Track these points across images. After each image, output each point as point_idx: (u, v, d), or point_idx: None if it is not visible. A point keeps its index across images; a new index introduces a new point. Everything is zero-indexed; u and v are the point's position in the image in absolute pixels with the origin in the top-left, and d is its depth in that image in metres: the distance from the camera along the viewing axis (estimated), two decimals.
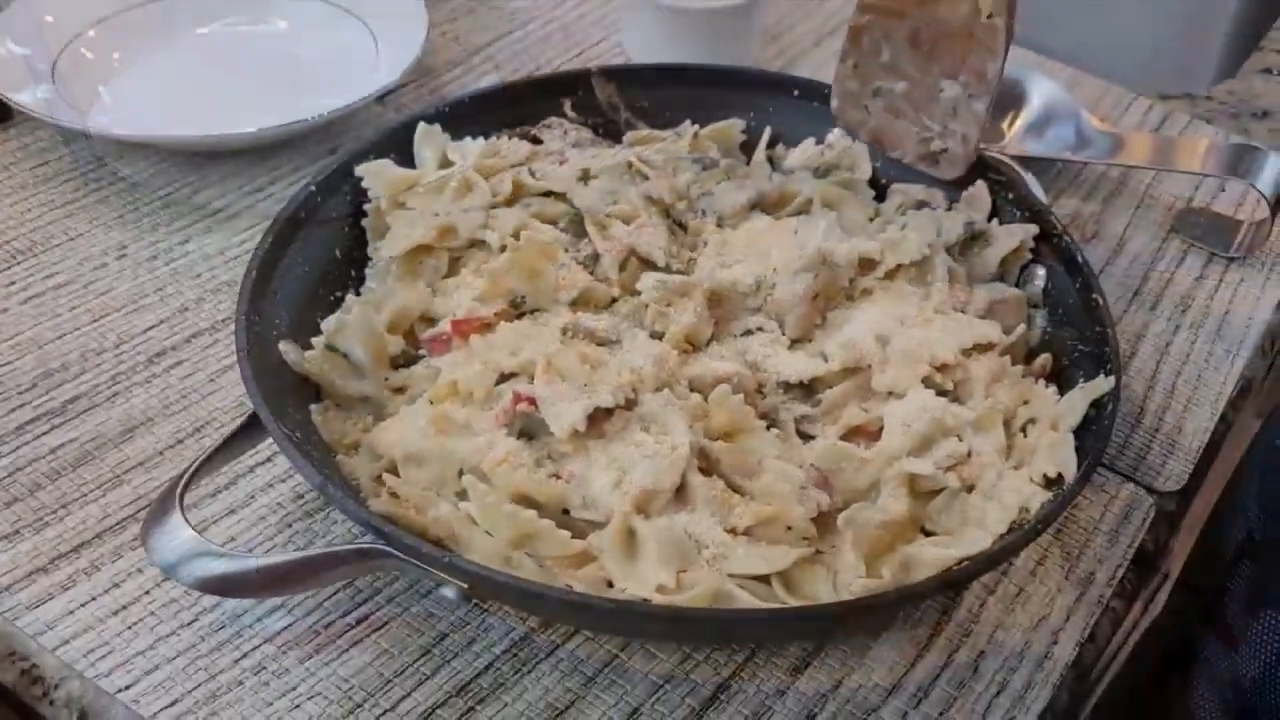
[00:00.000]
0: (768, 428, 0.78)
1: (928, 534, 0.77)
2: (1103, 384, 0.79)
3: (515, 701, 0.72)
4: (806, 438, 0.80)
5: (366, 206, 0.90)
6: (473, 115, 0.97)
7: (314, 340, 0.81)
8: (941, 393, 0.80)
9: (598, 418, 0.73)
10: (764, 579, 0.71)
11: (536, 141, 0.97)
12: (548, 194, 0.92)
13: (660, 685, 0.74)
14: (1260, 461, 0.92)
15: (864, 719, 0.74)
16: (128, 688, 0.71)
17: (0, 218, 1.02)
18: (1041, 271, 0.91)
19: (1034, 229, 0.91)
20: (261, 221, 1.02)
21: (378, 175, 0.90)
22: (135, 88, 1.14)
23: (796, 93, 1.02)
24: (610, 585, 0.70)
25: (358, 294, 0.89)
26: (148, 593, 0.76)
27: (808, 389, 0.81)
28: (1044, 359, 0.86)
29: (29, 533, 0.79)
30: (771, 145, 1.02)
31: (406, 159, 0.94)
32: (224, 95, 1.14)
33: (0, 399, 0.88)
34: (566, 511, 0.72)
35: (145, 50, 1.17)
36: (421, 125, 0.94)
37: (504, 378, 0.77)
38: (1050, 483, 0.77)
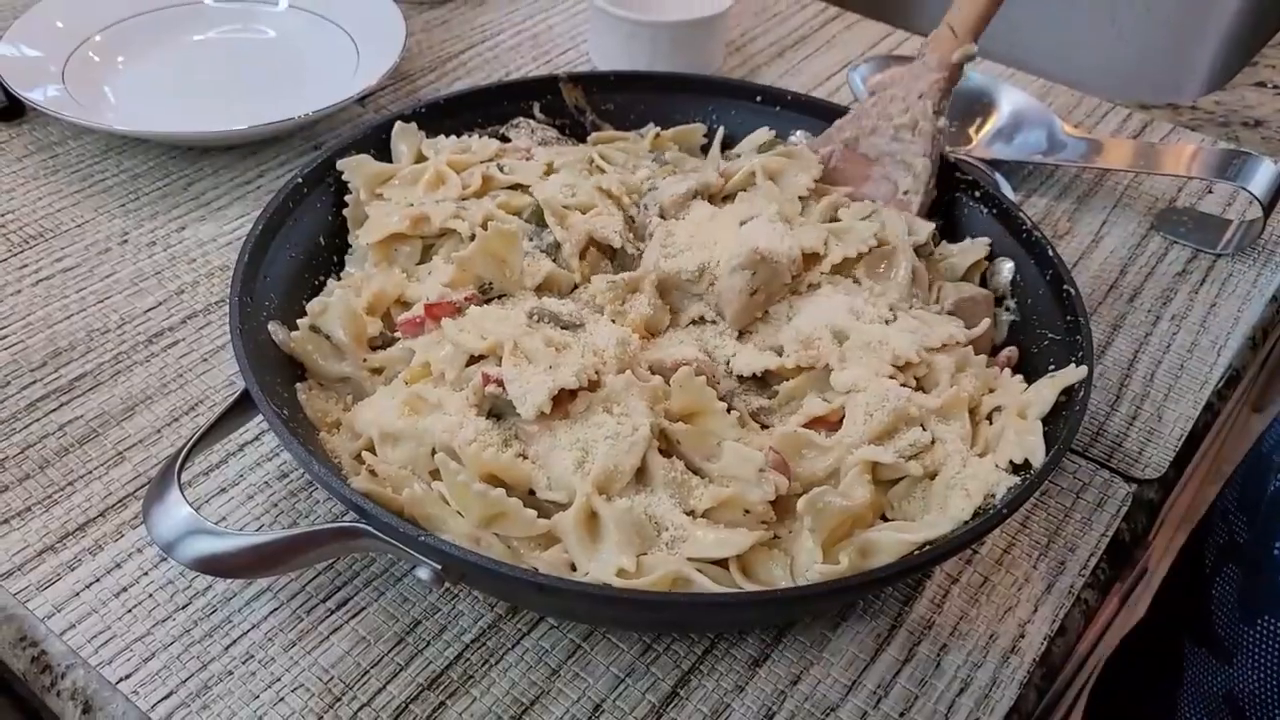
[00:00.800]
0: (727, 410, 0.72)
1: (888, 521, 0.70)
2: (1073, 373, 0.73)
3: (483, 696, 0.67)
4: (765, 428, 0.74)
5: (347, 197, 0.87)
6: (447, 116, 0.93)
7: (299, 321, 0.77)
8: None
9: (562, 399, 0.68)
10: (722, 563, 0.65)
11: (505, 140, 0.94)
12: (514, 187, 0.88)
13: (622, 679, 0.69)
14: (1245, 465, 0.87)
15: (823, 718, 0.68)
16: (128, 677, 0.67)
17: (14, 206, 0.98)
18: (1009, 265, 0.85)
19: (984, 243, 0.86)
20: (251, 211, 1.00)
21: (357, 169, 0.86)
22: (137, 88, 1.12)
23: (759, 99, 0.96)
24: (573, 568, 0.65)
25: (338, 279, 0.85)
26: (146, 574, 0.72)
27: (761, 381, 0.76)
28: (1009, 351, 0.80)
29: (39, 510, 0.75)
30: (729, 147, 0.97)
31: (384, 154, 0.90)
32: (218, 95, 1.12)
33: (15, 376, 0.84)
34: (533, 493, 0.67)
35: (147, 54, 1.15)
36: (399, 123, 0.91)
37: (474, 360, 0.73)
38: (1018, 469, 0.70)
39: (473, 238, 0.81)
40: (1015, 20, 1.65)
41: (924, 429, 0.72)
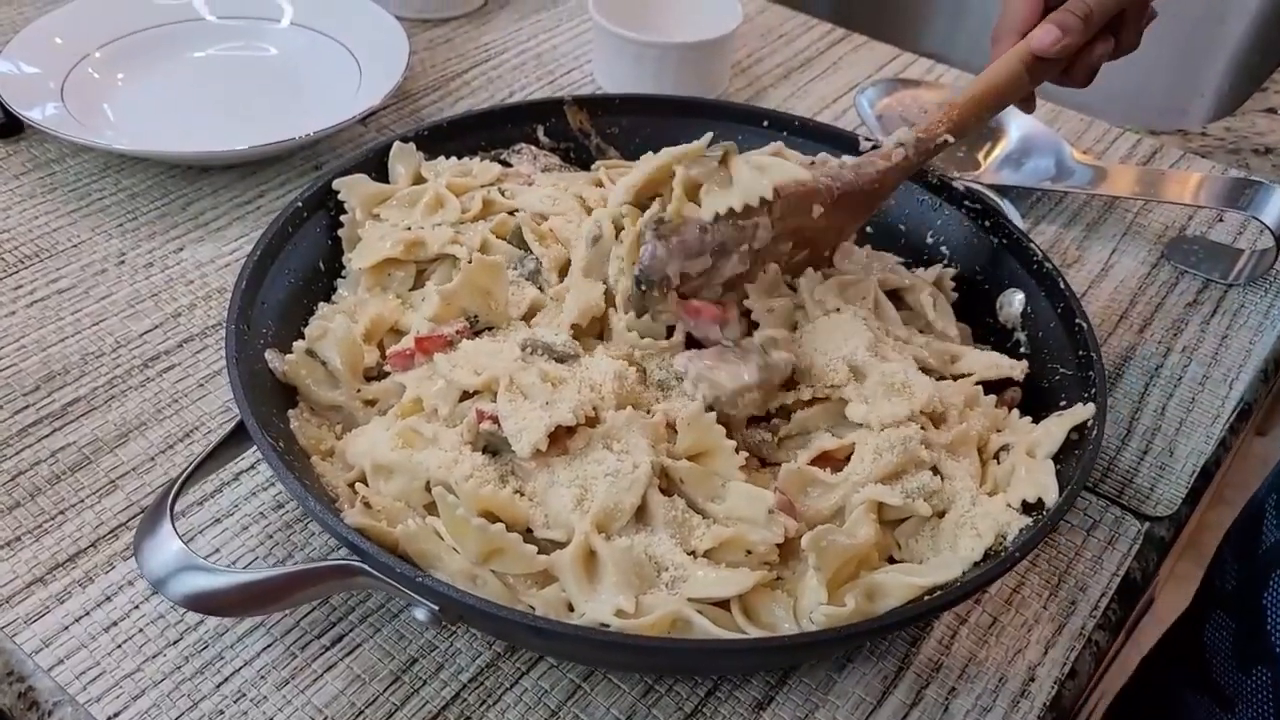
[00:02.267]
0: (736, 450, 0.70)
1: (894, 563, 0.68)
2: (1081, 411, 0.71)
3: None
4: (766, 464, 0.73)
5: (343, 218, 0.85)
6: (449, 138, 0.91)
7: (295, 344, 0.75)
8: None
9: (560, 435, 0.66)
10: (723, 604, 0.64)
11: (507, 165, 0.93)
12: (514, 212, 0.86)
13: None
14: (1244, 510, 0.85)
15: None
16: (116, 715, 0.65)
17: (9, 225, 0.97)
18: (1020, 296, 0.83)
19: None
20: (251, 232, 0.98)
21: (352, 188, 0.84)
22: (136, 106, 1.10)
23: (766, 123, 0.94)
24: (571, 608, 0.64)
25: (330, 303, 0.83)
26: (137, 607, 0.70)
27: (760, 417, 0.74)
28: (1013, 392, 0.79)
29: (29, 539, 0.73)
30: None
31: (385, 177, 0.88)
32: (218, 114, 1.11)
33: (7, 400, 0.82)
34: (530, 531, 0.66)
35: (146, 72, 1.13)
36: (397, 144, 0.88)
37: (467, 395, 0.71)
38: (1029, 508, 0.68)
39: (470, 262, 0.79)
40: None
41: (935, 473, 0.70)
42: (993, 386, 0.79)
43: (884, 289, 0.82)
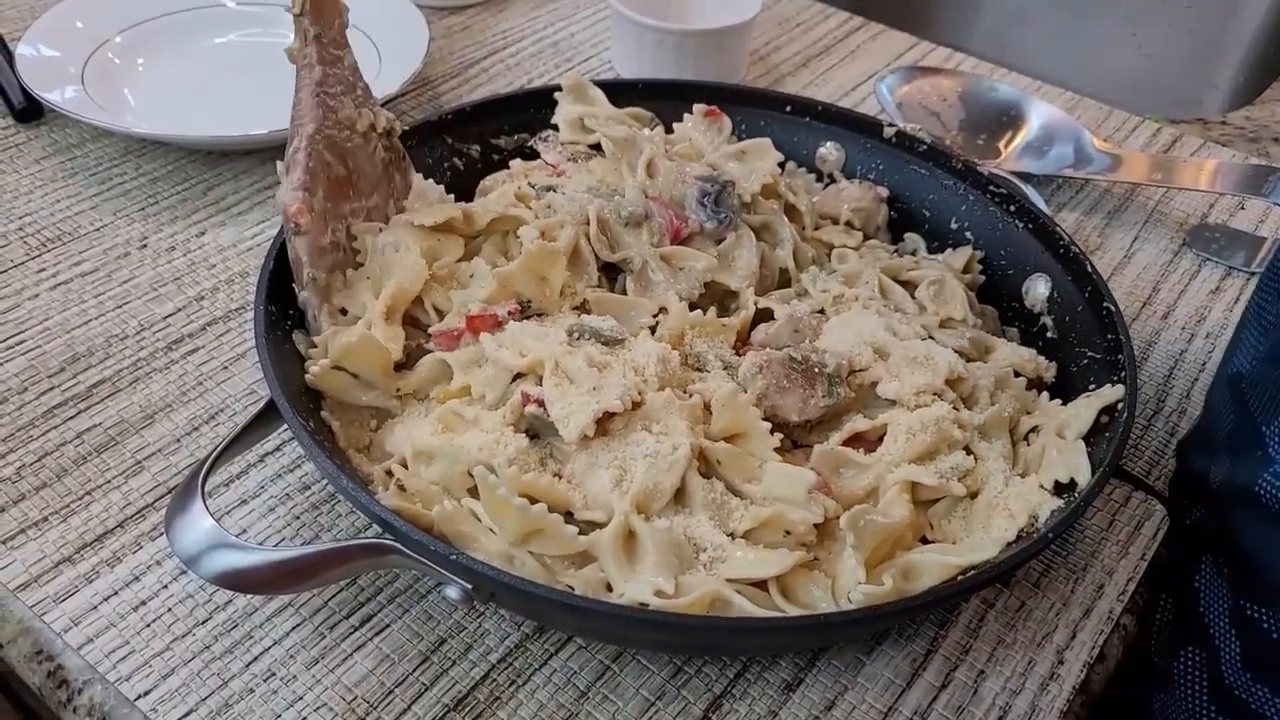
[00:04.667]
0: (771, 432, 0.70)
1: (927, 543, 0.68)
2: (1111, 393, 0.71)
3: (510, 718, 0.65)
4: (798, 446, 0.72)
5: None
6: (473, 122, 0.90)
7: (320, 363, 0.72)
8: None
9: (603, 419, 0.66)
10: (761, 585, 0.63)
11: (533, 151, 0.92)
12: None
13: (652, 703, 0.66)
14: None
15: None
16: (146, 694, 0.64)
17: (31, 208, 0.96)
18: (1046, 280, 0.82)
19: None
20: (271, 217, 0.97)
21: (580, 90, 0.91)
22: (157, 90, 1.10)
23: (788, 109, 0.94)
24: (609, 588, 0.63)
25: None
26: (165, 586, 0.70)
27: None
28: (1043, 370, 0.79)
29: (56, 520, 0.73)
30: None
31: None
32: (238, 99, 1.10)
33: (31, 382, 0.81)
34: (569, 515, 0.65)
35: (167, 56, 1.13)
36: (571, 78, 0.93)
37: (513, 377, 0.71)
38: (1061, 489, 0.68)
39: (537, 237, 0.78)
40: (1037, 33, 1.64)
41: (968, 453, 0.70)
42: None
43: (889, 275, 0.83)
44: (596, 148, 0.91)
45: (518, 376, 0.70)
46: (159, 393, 0.82)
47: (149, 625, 0.68)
